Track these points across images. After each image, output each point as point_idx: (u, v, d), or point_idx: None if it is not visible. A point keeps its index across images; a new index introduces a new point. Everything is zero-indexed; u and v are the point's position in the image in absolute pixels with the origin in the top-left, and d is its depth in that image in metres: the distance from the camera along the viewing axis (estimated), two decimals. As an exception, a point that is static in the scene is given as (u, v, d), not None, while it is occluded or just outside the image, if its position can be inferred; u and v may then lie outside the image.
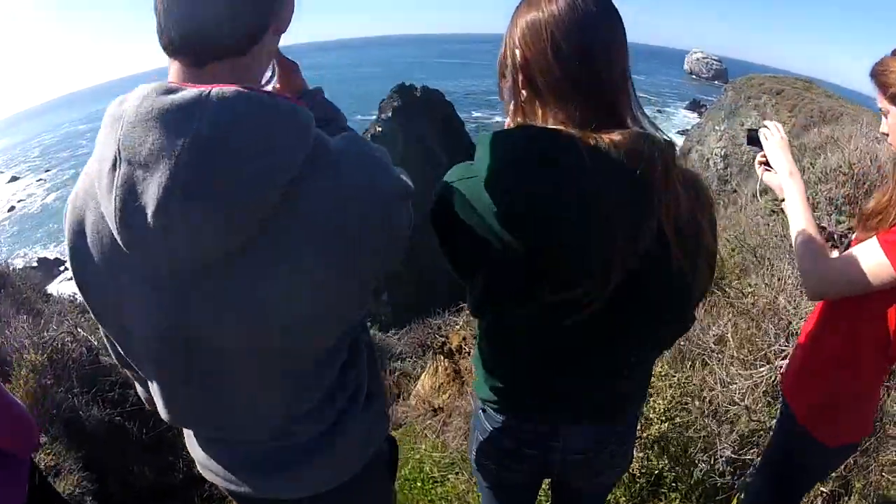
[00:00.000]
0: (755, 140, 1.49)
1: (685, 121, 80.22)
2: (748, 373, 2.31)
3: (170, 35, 0.67)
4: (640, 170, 0.79)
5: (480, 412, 1.14)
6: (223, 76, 0.68)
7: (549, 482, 1.44)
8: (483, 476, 1.24)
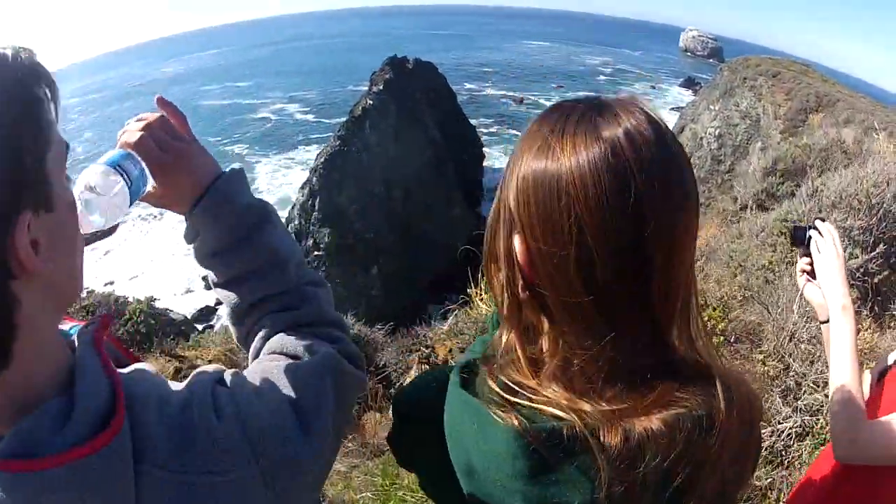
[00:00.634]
0: (801, 240, 1.26)
1: (679, 97, 79.68)
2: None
3: None
4: (679, 482, 0.53)
5: None
6: None
7: None
8: None
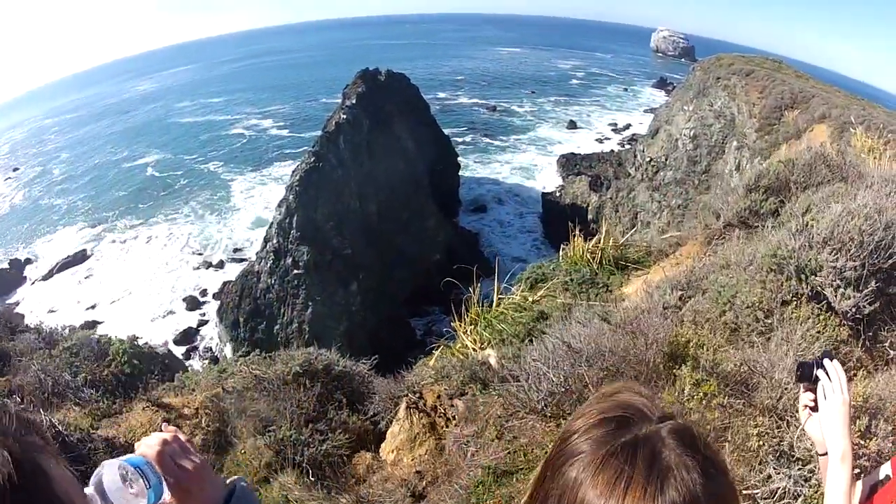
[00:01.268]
0: (808, 377, 1.32)
1: (652, 99, 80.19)
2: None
3: None
4: None
5: None
6: None
7: None
8: None
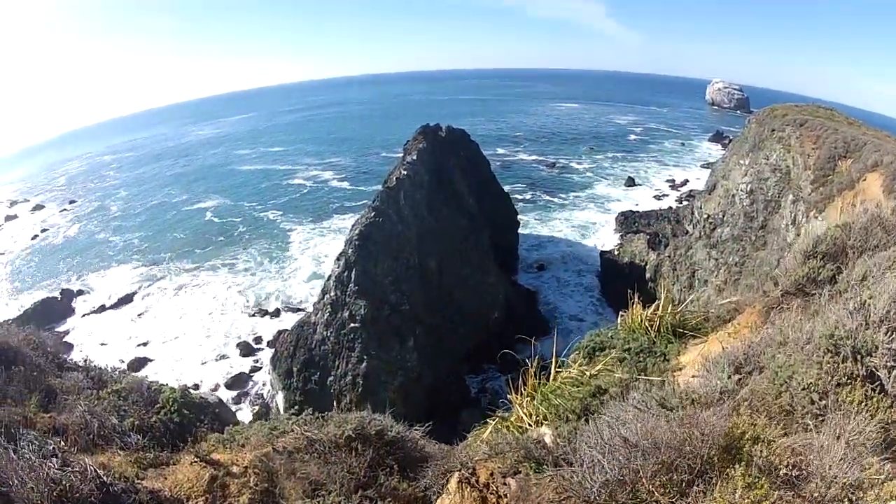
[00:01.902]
0: None
1: (708, 153, 79.70)
2: None
3: None
4: None
5: None
6: None
7: None
8: None
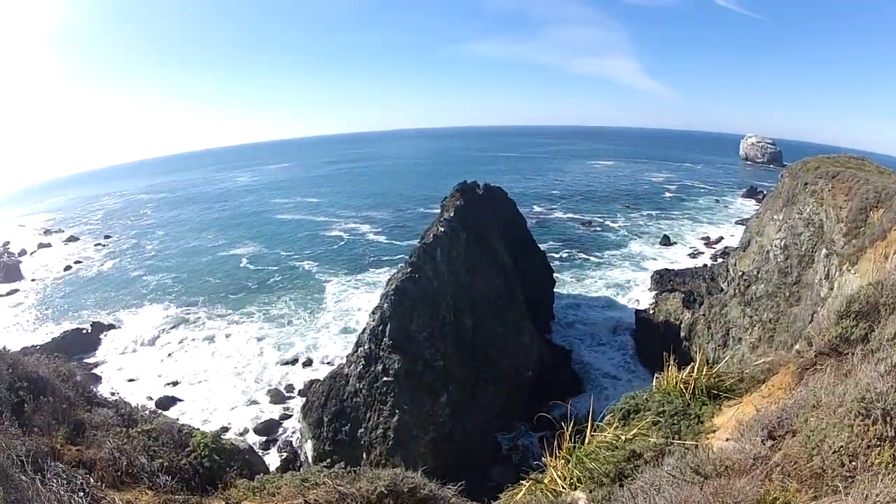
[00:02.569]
0: None
1: (742, 209, 78.58)
2: None
3: None
4: None
5: None
6: None
7: None
8: None
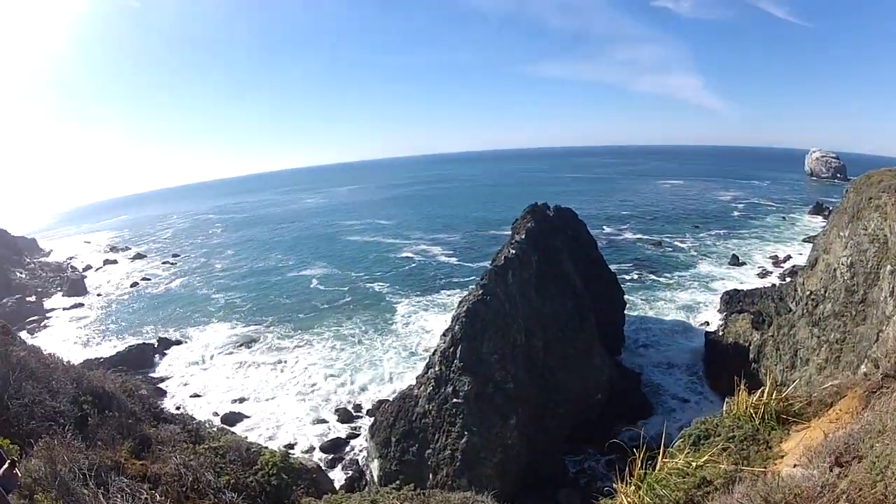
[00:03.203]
0: None
1: (809, 226, 75.61)
2: None
3: None
4: None
5: None
6: None
7: None
8: None
